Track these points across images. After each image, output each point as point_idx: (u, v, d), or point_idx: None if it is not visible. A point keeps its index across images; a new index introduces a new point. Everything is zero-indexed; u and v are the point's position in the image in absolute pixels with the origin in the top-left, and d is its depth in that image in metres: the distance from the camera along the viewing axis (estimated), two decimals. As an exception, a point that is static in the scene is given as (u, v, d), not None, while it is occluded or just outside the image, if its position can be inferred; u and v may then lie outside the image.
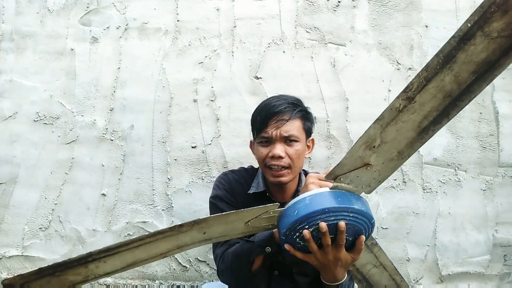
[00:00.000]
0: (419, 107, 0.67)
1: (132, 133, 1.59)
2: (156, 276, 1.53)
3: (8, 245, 1.56)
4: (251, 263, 1.05)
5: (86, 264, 0.79)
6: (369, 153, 0.75)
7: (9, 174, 1.59)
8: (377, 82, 1.61)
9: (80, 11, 1.66)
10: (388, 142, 0.72)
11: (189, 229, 0.79)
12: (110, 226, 1.55)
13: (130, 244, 0.78)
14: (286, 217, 0.84)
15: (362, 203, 0.84)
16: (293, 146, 1.08)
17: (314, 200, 0.82)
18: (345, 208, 0.81)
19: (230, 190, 1.22)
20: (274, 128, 1.07)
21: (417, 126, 0.70)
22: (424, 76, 0.65)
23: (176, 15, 1.65)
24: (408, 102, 0.66)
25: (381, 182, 0.82)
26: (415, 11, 1.64)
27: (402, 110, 0.67)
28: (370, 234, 0.88)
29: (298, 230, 0.82)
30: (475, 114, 1.59)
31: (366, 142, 0.74)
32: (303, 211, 0.81)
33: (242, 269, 1.06)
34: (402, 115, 0.68)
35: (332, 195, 0.82)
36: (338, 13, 1.64)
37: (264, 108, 1.11)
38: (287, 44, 1.63)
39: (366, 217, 0.83)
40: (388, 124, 0.69)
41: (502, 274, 1.53)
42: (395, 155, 0.75)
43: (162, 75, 1.62)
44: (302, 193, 0.86)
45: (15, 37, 1.66)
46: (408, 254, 1.53)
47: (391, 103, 0.69)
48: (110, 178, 1.57)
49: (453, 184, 1.56)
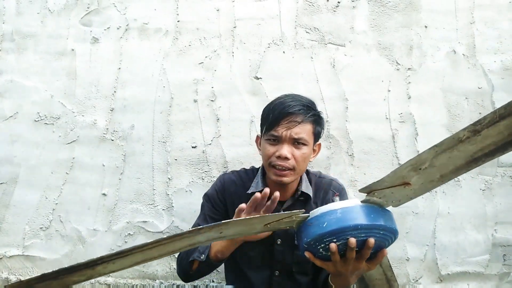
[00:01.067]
0: (481, 140, 0.66)
1: (132, 133, 1.60)
2: (157, 275, 1.54)
3: (9, 245, 1.57)
4: (190, 263, 1.11)
5: (94, 267, 0.79)
6: (413, 174, 0.74)
7: (9, 174, 1.59)
8: (377, 82, 1.61)
9: (81, 12, 1.66)
10: (435, 166, 0.72)
11: (207, 230, 0.79)
12: (110, 226, 1.56)
13: (144, 247, 0.77)
14: (313, 227, 0.81)
15: (392, 219, 0.82)
16: (301, 149, 1.07)
17: (346, 214, 0.79)
18: (377, 226, 0.79)
19: (221, 190, 1.22)
20: (285, 129, 1.05)
21: (470, 156, 0.69)
22: (500, 114, 0.63)
23: (177, 15, 1.65)
24: (473, 134, 0.65)
25: (412, 199, 0.81)
26: (414, 12, 1.64)
27: (463, 140, 0.66)
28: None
29: (325, 242, 0.80)
30: (474, 114, 1.59)
31: (414, 165, 0.72)
32: (334, 224, 0.78)
33: (185, 266, 1.13)
34: (461, 145, 0.67)
35: (364, 210, 0.79)
36: (338, 13, 1.65)
37: (277, 106, 1.09)
38: (287, 45, 1.64)
39: (394, 234, 0.83)
40: (444, 151, 0.68)
41: (501, 273, 1.54)
42: (437, 178, 0.75)
43: (162, 75, 1.63)
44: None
45: (15, 37, 1.66)
46: (407, 253, 1.54)
47: (456, 133, 0.67)
48: (110, 178, 1.58)
49: (452, 184, 1.56)
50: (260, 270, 1.16)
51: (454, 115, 1.60)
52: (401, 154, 1.58)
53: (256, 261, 1.16)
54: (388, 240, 0.84)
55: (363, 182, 1.56)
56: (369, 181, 1.56)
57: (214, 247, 1.06)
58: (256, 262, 1.16)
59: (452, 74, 1.62)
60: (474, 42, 1.63)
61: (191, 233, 0.78)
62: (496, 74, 1.61)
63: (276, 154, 1.06)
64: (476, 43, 1.63)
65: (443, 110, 1.60)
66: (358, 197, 0.98)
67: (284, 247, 1.14)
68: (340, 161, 1.57)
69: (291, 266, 1.14)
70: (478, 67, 1.62)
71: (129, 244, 1.54)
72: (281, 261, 1.14)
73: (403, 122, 1.59)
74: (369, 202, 0.81)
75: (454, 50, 1.63)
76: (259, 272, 1.16)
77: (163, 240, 0.77)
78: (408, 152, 1.57)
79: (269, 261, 1.15)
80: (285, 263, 1.14)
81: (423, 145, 1.58)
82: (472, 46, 1.63)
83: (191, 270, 1.12)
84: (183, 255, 1.14)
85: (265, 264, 1.15)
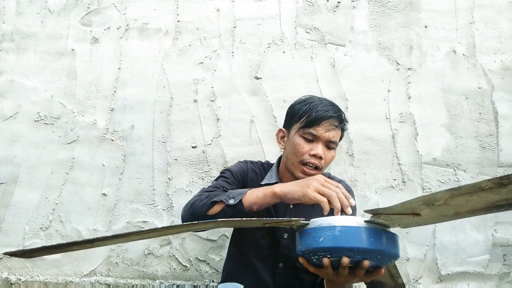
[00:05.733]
0: (506, 192, 0.61)
1: (132, 133, 1.60)
2: (157, 275, 1.54)
3: (9, 245, 1.56)
4: (211, 204, 1.03)
5: (92, 242, 0.81)
6: (424, 207, 0.69)
7: (10, 174, 1.59)
8: (377, 82, 1.61)
9: (81, 12, 1.66)
10: (451, 205, 0.67)
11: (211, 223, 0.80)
12: (110, 226, 1.56)
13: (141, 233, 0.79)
14: (309, 238, 0.79)
15: (394, 243, 0.78)
16: (330, 152, 1.11)
17: (345, 234, 0.75)
18: (375, 251, 0.75)
19: (245, 173, 1.24)
20: (325, 130, 1.08)
21: (492, 203, 0.65)
22: None
23: (177, 15, 1.65)
24: (497, 186, 0.61)
25: (421, 225, 0.78)
26: (414, 12, 1.64)
27: (485, 190, 0.62)
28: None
29: (319, 255, 0.79)
30: (474, 114, 1.60)
31: (427, 200, 0.68)
32: (330, 242, 0.75)
33: (200, 207, 1.05)
34: (482, 193, 0.62)
35: (365, 232, 0.75)
36: (338, 13, 1.65)
37: (319, 107, 1.11)
38: (287, 45, 1.64)
39: (394, 257, 0.79)
40: (462, 195, 0.64)
41: (501, 273, 1.54)
42: (451, 214, 0.71)
43: (162, 75, 1.63)
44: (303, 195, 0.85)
45: (15, 37, 1.66)
46: (407, 253, 1.54)
47: (478, 182, 0.61)
48: (110, 178, 1.58)
49: (452, 184, 1.56)
50: (265, 260, 1.17)
51: (454, 115, 1.60)
52: (401, 154, 1.58)
53: (263, 250, 1.17)
54: (386, 262, 0.81)
55: (363, 182, 1.56)
56: (369, 181, 1.56)
57: (248, 196, 1.01)
58: (263, 251, 1.17)
59: (452, 74, 1.62)
60: (474, 42, 1.63)
61: (188, 226, 0.79)
62: (496, 74, 1.61)
63: (312, 153, 1.08)
64: (476, 43, 1.63)
65: (443, 110, 1.60)
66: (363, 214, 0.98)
67: (290, 242, 1.15)
68: (340, 161, 1.57)
69: (295, 261, 1.15)
70: (478, 67, 1.62)
71: (129, 244, 1.54)
72: (286, 255, 1.15)
73: (403, 122, 1.59)
74: (373, 222, 0.77)
75: (454, 50, 1.63)
76: (264, 261, 1.17)
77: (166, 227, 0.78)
78: (408, 152, 1.58)
79: (274, 252, 1.16)
80: (289, 258, 1.15)
81: (423, 145, 1.58)
82: (472, 46, 1.63)
83: (209, 212, 1.03)
84: (200, 198, 1.08)
85: (270, 254, 1.17)
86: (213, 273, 1.52)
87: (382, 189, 1.56)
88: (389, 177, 1.57)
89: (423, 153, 1.58)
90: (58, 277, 1.53)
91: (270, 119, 1.60)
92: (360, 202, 1.53)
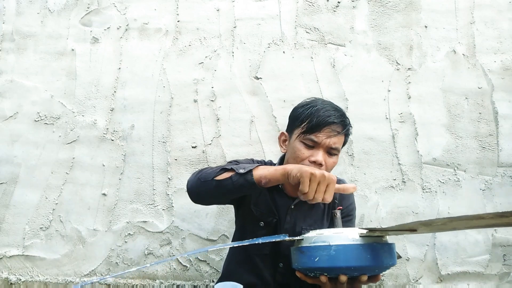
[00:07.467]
0: (507, 219, 0.61)
1: (132, 133, 1.60)
2: (157, 275, 1.54)
3: (9, 245, 1.57)
4: (220, 170, 1.02)
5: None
6: (422, 225, 0.69)
7: (10, 174, 1.59)
8: (377, 82, 1.61)
9: (81, 12, 1.67)
10: (447, 224, 0.68)
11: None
12: (110, 226, 1.56)
13: None
14: (304, 257, 0.78)
15: (391, 254, 0.78)
16: (332, 158, 1.09)
17: (340, 253, 0.74)
18: (372, 267, 0.75)
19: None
20: (326, 137, 1.06)
21: (489, 224, 0.66)
22: None
23: (177, 15, 1.65)
24: (498, 216, 0.61)
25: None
26: (414, 12, 1.64)
27: (485, 218, 0.62)
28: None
29: (316, 273, 0.79)
30: (474, 114, 1.60)
31: (425, 223, 0.68)
32: (326, 262, 0.74)
33: (209, 173, 1.04)
34: (482, 220, 0.63)
35: (361, 250, 0.74)
36: (338, 13, 1.65)
37: (320, 112, 1.09)
38: (287, 45, 1.64)
39: (391, 266, 0.79)
40: (461, 220, 0.65)
41: (501, 273, 1.54)
42: (449, 228, 0.71)
43: (162, 75, 1.63)
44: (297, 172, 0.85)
45: (15, 37, 1.66)
46: (407, 253, 1.54)
47: (478, 214, 0.62)
48: (110, 178, 1.58)
49: (452, 184, 1.56)
50: (266, 258, 1.17)
51: (454, 115, 1.60)
52: (401, 154, 1.58)
53: (265, 248, 1.17)
54: (384, 271, 0.82)
55: (363, 182, 1.56)
56: (369, 181, 1.56)
57: (259, 169, 0.99)
58: (265, 250, 1.17)
59: (452, 74, 1.62)
60: (474, 42, 1.63)
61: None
62: (496, 74, 1.61)
63: (311, 159, 1.06)
64: (476, 43, 1.63)
65: (443, 110, 1.60)
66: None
67: (291, 243, 1.15)
68: (340, 161, 1.57)
69: None
70: (478, 67, 1.62)
71: (129, 244, 1.54)
72: (286, 256, 1.15)
73: (403, 122, 1.59)
74: (369, 236, 0.77)
75: (454, 50, 1.63)
76: (266, 260, 1.17)
77: None
78: (408, 152, 1.58)
79: (275, 252, 1.16)
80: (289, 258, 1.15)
81: (423, 145, 1.58)
82: (472, 46, 1.63)
83: (216, 176, 1.01)
84: (210, 167, 1.07)
85: (271, 254, 1.17)
86: (213, 273, 1.52)
87: (382, 189, 1.56)
88: (389, 177, 1.57)
89: (423, 153, 1.58)
90: (58, 277, 1.53)
91: (270, 119, 1.60)
92: (360, 202, 1.53)
